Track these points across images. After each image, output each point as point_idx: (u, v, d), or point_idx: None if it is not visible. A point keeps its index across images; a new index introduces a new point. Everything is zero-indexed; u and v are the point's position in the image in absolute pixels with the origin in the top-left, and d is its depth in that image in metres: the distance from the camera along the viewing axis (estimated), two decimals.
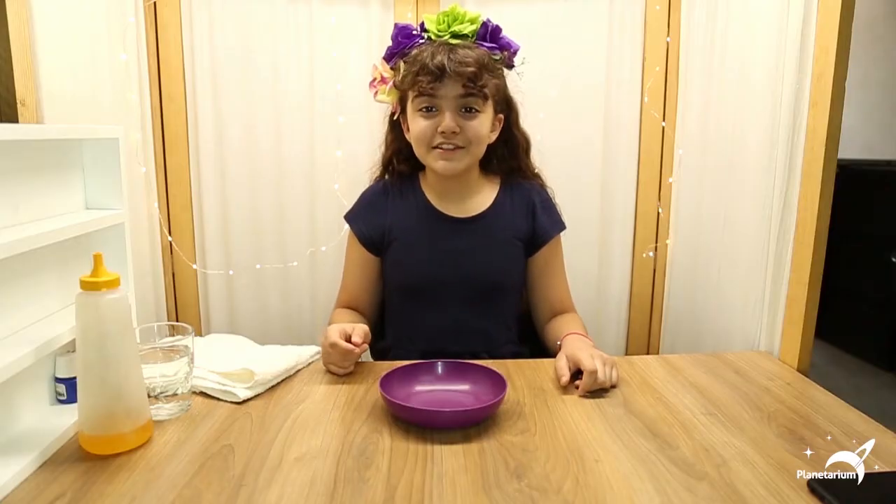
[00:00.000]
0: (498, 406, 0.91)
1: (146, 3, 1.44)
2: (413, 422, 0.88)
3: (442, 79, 1.08)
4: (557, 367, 1.04)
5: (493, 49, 1.14)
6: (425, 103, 1.12)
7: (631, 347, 1.76)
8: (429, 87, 1.09)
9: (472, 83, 1.08)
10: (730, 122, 1.37)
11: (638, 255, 1.71)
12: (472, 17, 1.14)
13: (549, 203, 1.26)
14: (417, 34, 1.16)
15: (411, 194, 1.25)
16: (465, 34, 1.13)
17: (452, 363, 1.03)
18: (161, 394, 0.90)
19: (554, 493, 0.72)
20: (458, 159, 1.14)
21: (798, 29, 1.11)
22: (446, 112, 1.11)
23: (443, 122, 1.10)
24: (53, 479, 0.75)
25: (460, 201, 1.22)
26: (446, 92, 1.09)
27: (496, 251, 1.21)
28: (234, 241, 1.64)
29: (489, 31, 1.14)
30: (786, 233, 1.17)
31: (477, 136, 1.12)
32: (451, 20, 1.13)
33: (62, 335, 0.87)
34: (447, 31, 1.13)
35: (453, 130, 1.10)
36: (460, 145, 1.12)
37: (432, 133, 1.12)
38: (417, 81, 1.10)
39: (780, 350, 1.19)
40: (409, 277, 1.23)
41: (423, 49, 1.12)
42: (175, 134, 1.56)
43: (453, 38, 1.13)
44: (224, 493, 0.72)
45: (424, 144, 1.14)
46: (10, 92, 1.00)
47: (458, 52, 1.09)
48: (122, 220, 1.01)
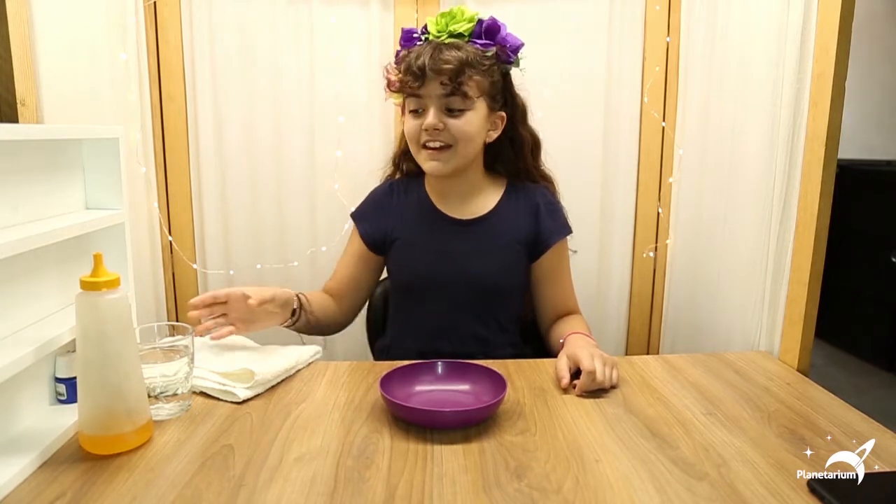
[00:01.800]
0: (498, 406, 0.91)
1: (146, 3, 1.44)
2: (413, 422, 0.88)
3: (423, 79, 1.09)
4: (558, 368, 1.04)
5: (486, 45, 1.14)
6: (413, 104, 1.13)
7: (631, 347, 1.76)
8: (413, 88, 1.10)
9: (450, 81, 1.08)
10: (730, 122, 1.37)
11: (638, 255, 1.71)
12: (469, 17, 1.14)
13: (554, 206, 1.24)
14: (417, 36, 1.16)
15: (415, 195, 1.25)
16: (461, 33, 1.13)
17: (452, 363, 1.03)
18: (161, 394, 0.90)
19: (554, 493, 0.72)
20: (446, 159, 1.14)
21: (798, 29, 1.11)
22: (430, 110, 1.11)
23: (426, 120, 1.11)
24: (53, 479, 0.75)
25: (462, 203, 1.22)
26: (429, 91, 1.10)
27: (495, 255, 1.20)
28: (234, 241, 1.64)
29: (483, 29, 1.15)
30: (786, 233, 1.17)
31: (463, 134, 1.12)
32: (449, 19, 1.14)
33: (62, 335, 0.87)
34: (445, 30, 1.14)
35: (435, 127, 1.11)
36: (447, 143, 1.12)
37: (418, 131, 1.13)
38: (404, 82, 1.12)
39: (780, 350, 1.19)
40: (406, 277, 1.24)
41: (412, 50, 1.13)
42: (175, 134, 1.56)
43: (450, 38, 1.13)
44: (224, 493, 0.72)
45: (414, 143, 1.15)
46: (10, 92, 1.01)
47: (442, 51, 1.09)
48: (122, 220, 1.01)
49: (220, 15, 1.53)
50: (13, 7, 1.00)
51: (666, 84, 1.62)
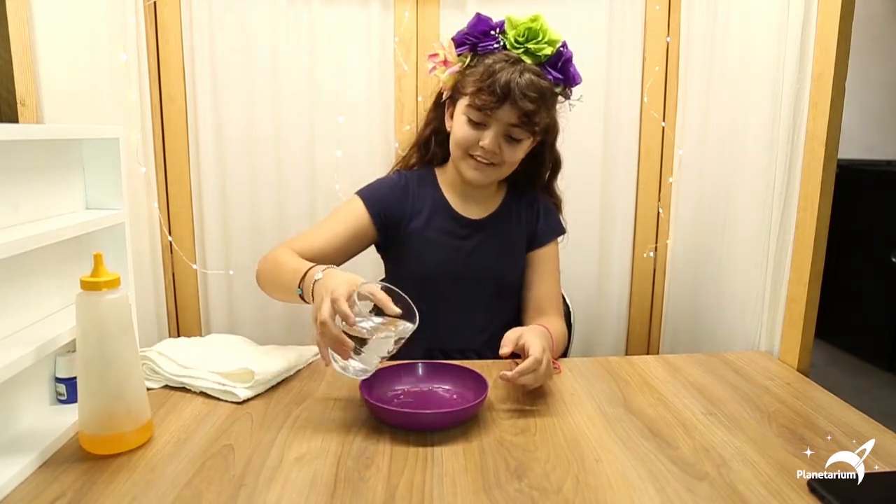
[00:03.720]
0: (480, 406, 0.91)
1: (146, 3, 1.44)
2: (395, 424, 0.88)
3: (502, 103, 1.07)
4: (506, 336, 1.02)
5: (557, 81, 1.12)
6: (476, 117, 1.11)
7: (631, 347, 1.76)
8: (489, 107, 1.08)
9: (526, 118, 1.08)
10: (730, 122, 1.37)
11: (638, 256, 1.71)
12: (551, 39, 1.10)
13: (551, 209, 1.28)
14: (495, 36, 1.13)
15: (429, 189, 1.24)
16: (539, 55, 1.10)
17: (433, 364, 1.03)
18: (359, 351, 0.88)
19: (554, 493, 0.72)
20: (489, 175, 1.15)
21: (798, 29, 1.11)
22: (492, 132, 1.10)
23: (484, 138, 1.10)
24: (53, 479, 0.75)
25: (475, 203, 1.24)
26: (500, 116, 1.09)
27: (506, 252, 1.22)
28: (234, 241, 1.64)
29: (562, 60, 1.12)
30: (786, 233, 1.17)
31: (512, 160, 1.14)
32: (532, 35, 1.10)
33: (62, 335, 0.87)
34: (524, 45, 1.10)
35: (493, 151, 1.11)
36: (495, 163, 1.13)
37: (473, 143, 1.12)
38: (478, 94, 1.08)
39: (780, 350, 1.19)
40: (421, 270, 1.22)
41: (496, 62, 1.09)
42: (175, 134, 1.56)
43: (525, 55, 1.10)
44: (224, 493, 0.72)
45: (462, 149, 1.14)
46: (10, 92, 1.01)
47: (525, 76, 1.07)
48: (122, 220, 1.01)
49: (220, 15, 1.53)
50: (13, 7, 1.00)
51: (666, 84, 1.62)
